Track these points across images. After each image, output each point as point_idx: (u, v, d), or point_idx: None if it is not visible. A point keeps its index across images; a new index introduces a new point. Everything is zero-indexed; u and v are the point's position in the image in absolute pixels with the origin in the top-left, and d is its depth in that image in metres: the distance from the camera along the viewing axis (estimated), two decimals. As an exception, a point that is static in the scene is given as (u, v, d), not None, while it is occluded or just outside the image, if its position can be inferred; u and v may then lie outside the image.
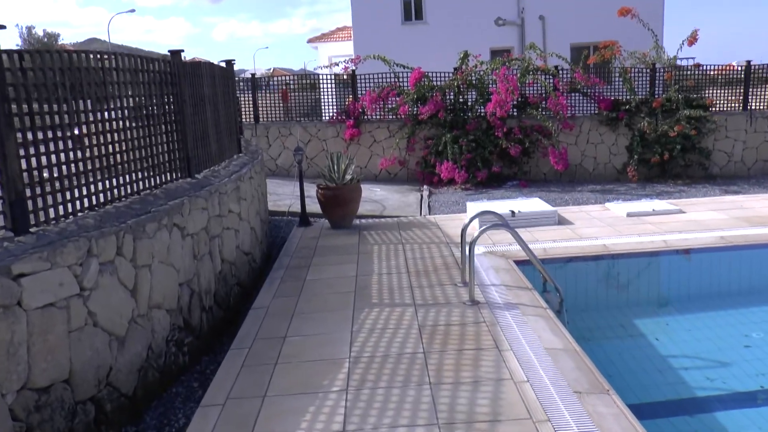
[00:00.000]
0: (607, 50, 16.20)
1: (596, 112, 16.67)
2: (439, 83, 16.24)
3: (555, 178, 16.53)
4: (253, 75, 17.15)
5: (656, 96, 16.43)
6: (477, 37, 21.76)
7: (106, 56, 5.77)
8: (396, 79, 16.48)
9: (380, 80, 16.58)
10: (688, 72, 16.70)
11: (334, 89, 17.56)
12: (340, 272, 8.14)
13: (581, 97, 16.61)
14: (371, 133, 16.67)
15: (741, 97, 17.01)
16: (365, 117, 16.70)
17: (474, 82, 16.09)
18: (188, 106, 7.16)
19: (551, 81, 15.87)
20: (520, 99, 15.53)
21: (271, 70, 21.02)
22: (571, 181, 16.40)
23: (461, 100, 16.26)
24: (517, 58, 16.14)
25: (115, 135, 5.74)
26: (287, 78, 18.05)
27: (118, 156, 5.79)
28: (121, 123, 5.84)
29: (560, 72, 16.06)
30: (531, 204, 10.64)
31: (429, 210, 13.07)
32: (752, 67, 17.00)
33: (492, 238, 9.30)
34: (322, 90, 17.75)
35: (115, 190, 5.70)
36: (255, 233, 8.72)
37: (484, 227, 6.77)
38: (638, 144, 15.96)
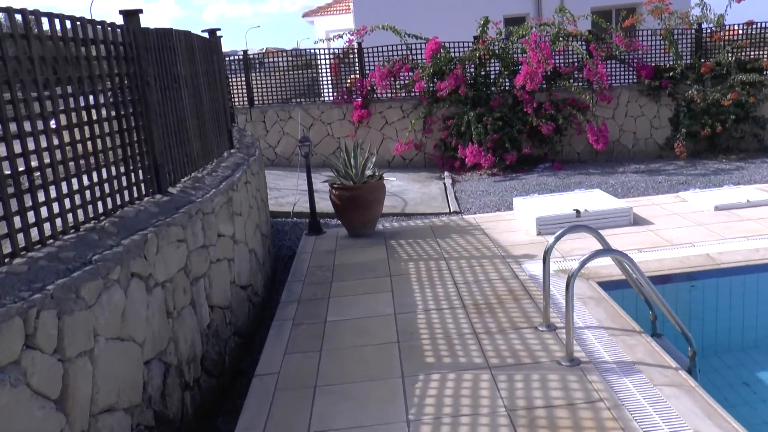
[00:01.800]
0: (654, 8, 13.89)
1: (635, 80, 14.42)
2: (457, 55, 13.98)
3: (590, 158, 14.32)
4: (245, 52, 14.81)
5: (702, 60, 14.19)
6: (489, 3, 19.31)
7: (19, 15, 3.54)
8: (408, 52, 14.19)
9: (390, 53, 14.29)
10: (741, 31, 14.43)
11: (329, 67, 15.25)
12: (371, 307, 5.97)
13: (618, 65, 14.35)
14: (382, 113, 14.40)
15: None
16: (375, 96, 14.42)
17: (498, 51, 13.81)
18: (154, 90, 4.95)
19: (586, 47, 13.60)
20: (551, 69, 13.26)
21: (264, 50, 19.01)
22: (609, 160, 14.20)
23: (483, 73, 14.00)
24: (547, 23, 13.85)
25: (31, 141, 3.55)
26: (282, 56, 15.70)
27: (37, 174, 3.60)
28: (39, 122, 3.64)
29: (595, 37, 13.76)
30: (595, 198, 8.46)
31: (457, 203, 10.89)
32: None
33: (559, 247, 7.12)
34: (320, 67, 15.43)
35: (32, 231, 3.51)
36: (255, 256, 6.53)
37: (588, 258, 4.58)
38: (685, 115, 13.75)
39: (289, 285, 6.76)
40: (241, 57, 14.91)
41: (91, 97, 4.16)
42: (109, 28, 4.43)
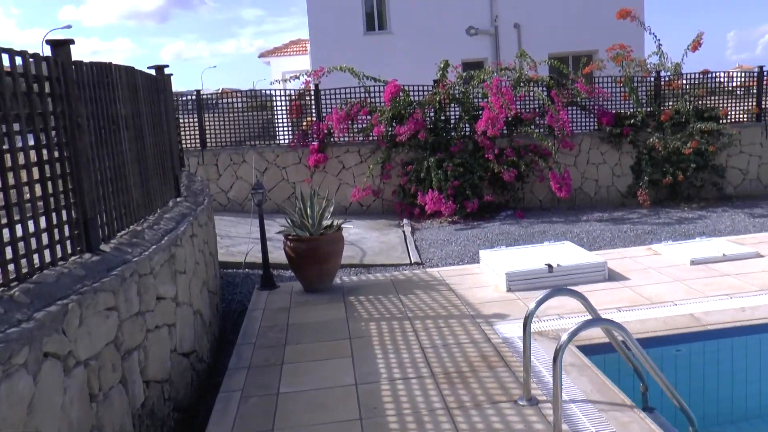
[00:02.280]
0: (616, 55, 13.71)
1: (596, 128, 14.21)
2: (417, 98, 13.59)
3: (552, 206, 13.99)
4: (198, 92, 14.18)
5: (662, 108, 14.06)
6: (447, 47, 19.11)
7: None
8: (367, 95, 13.75)
9: (348, 95, 13.84)
10: (697, 79, 14.36)
11: (289, 108, 14.71)
12: (329, 376, 5.32)
13: (579, 112, 14.12)
14: (339, 158, 13.88)
15: (755, 107, 14.74)
16: (332, 139, 13.91)
17: (458, 96, 13.47)
18: (86, 132, 4.31)
19: (547, 93, 13.33)
20: (512, 115, 12.91)
21: (220, 90, 18.38)
22: (571, 208, 13.88)
23: (443, 117, 13.63)
24: (508, 68, 13.57)
25: None
26: (236, 96, 15.04)
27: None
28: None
29: (556, 83, 13.51)
30: (566, 251, 7.99)
31: (418, 253, 10.35)
32: (765, 73, 14.76)
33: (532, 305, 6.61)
34: (276, 109, 14.87)
35: None
36: (201, 318, 5.84)
37: (578, 329, 4.05)
38: (647, 163, 13.54)
39: (239, 348, 6.08)
40: (194, 97, 14.27)
41: (6, 140, 3.51)
42: (32, 60, 3.81)
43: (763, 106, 14.72)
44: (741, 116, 14.73)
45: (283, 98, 14.42)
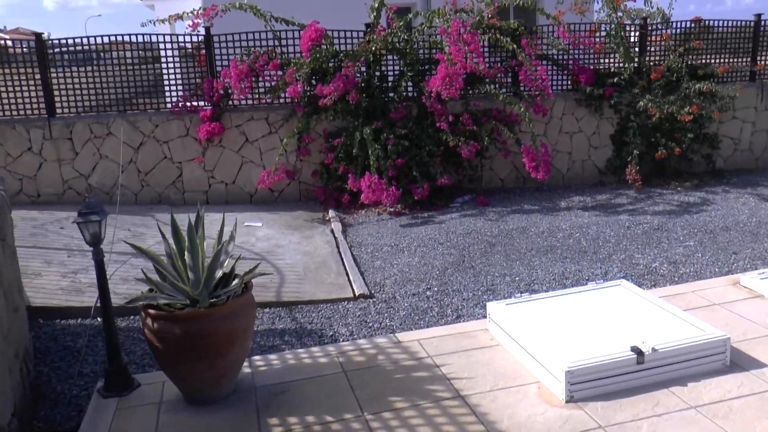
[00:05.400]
0: (610, -3, 10.36)
1: (571, 88, 10.96)
2: (344, 48, 9.94)
3: (517, 186, 10.73)
4: (38, 36, 9.86)
5: (650, 64, 10.96)
6: (369, -12, 15.38)
7: None
8: (276, 42, 9.96)
9: (251, 43, 9.99)
10: (690, 30, 11.30)
11: (179, 60, 10.69)
12: None
13: (551, 67, 10.78)
14: (240, 128, 10.03)
15: (749, 63, 11.86)
16: (230, 103, 10.06)
17: (399, 45, 9.88)
18: None
19: (516, 43, 9.87)
20: (480, 70, 9.40)
21: (102, 40, 14.01)
22: (540, 188, 10.67)
23: (378, 73, 10.04)
24: (464, 9, 10.00)
25: None
26: (98, 44, 10.81)
27: None
28: None
29: (527, 30, 10.07)
30: (629, 305, 4.63)
31: (360, 272, 6.90)
32: (763, 23, 11.83)
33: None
34: (163, 62, 10.78)
35: None
36: None
37: None
38: (635, 133, 10.44)
39: None
40: (33, 44, 9.93)
41: None
42: None
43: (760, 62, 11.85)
44: (734, 75, 11.77)
45: (171, 46, 10.37)
